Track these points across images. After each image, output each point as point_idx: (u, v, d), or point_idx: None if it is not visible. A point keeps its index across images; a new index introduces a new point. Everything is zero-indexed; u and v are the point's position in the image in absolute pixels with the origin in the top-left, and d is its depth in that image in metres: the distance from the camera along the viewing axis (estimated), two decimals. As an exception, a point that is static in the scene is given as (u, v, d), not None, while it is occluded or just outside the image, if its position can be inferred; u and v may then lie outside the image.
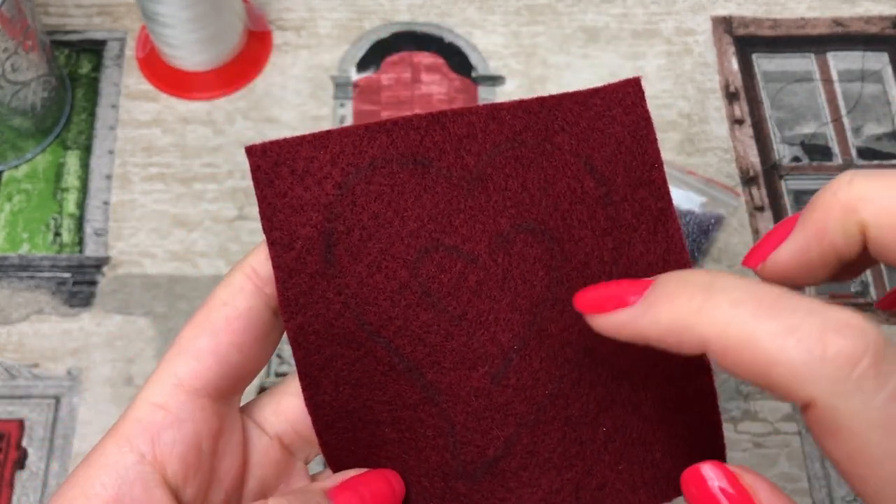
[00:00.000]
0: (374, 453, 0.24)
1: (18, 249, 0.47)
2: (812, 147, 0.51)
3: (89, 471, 0.21)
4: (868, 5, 0.56)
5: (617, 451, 0.23)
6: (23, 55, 0.45)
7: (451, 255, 0.23)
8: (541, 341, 0.23)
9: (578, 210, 0.23)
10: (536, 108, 0.23)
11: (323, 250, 0.22)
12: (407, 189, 0.23)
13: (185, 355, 0.22)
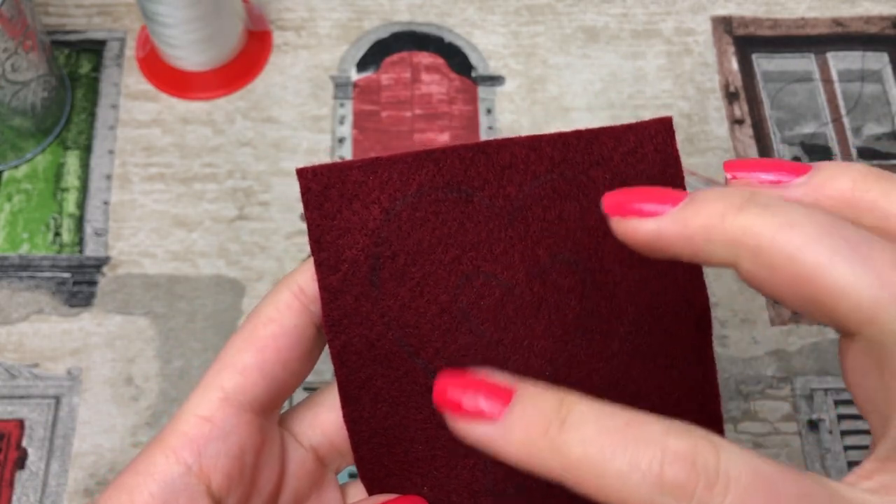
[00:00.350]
0: (407, 469, 0.24)
1: (18, 249, 0.47)
2: (812, 147, 0.51)
3: (137, 479, 0.22)
4: (868, 5, 0.56)
5: None
6: (23, 55, 0.45)
7: (490, 283, 0.24)
8: (570, 368, 0.24)
9: (609, 242, 0.24)
10: (574, 142, 0.24)
11: (368, 273, 0.23)
12: (451, 217, 0.23)
13: (230, 370, 0.22)
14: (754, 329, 0.46)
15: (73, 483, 0.41)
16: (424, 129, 0.51)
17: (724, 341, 0.45)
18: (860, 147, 0.51)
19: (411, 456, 0.24)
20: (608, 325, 0.24)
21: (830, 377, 0.45)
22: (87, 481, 0.41)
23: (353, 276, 0.23)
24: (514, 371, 0.23)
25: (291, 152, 0.50)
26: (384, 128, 0.51)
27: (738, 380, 0.44)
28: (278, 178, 0.49)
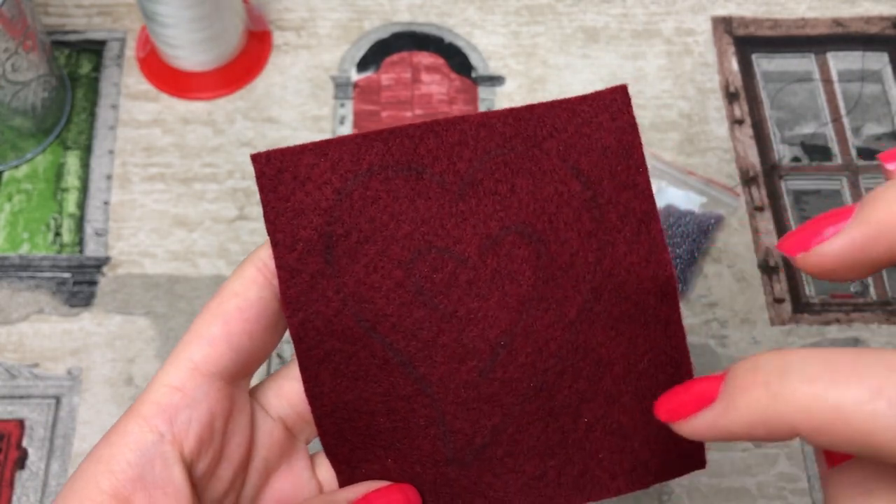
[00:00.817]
0: (370, 442, 0.25)
1: (18, 249, 0.47)
2: (812, 147, 0.51)
3: (112, 449, 0.22)
4: (868, 5, 0.56)
5: (597, 440, 0.25)
6: (23, 55, 0.45)
7: (443, 257, 0.24)
8: (527, 337, 0.24)
9: (565, 213, 0.24)
10: (526, 116, 0.24)
11: (323, 251, 0.24)
12: (402, 194, 0.24)
13: (199, 341, 0.23)
14: (754, 329, 0.46)
15: (73, 483, 0.41)
16: (424, 129, 0.51)
17: (724, 341, 0.45)
18: (860, 147, 0.51)
19: (374, 429, 0.25)
20: (565, 294, 0.24)
21: (830, 377, 0.45)
22: (88, 481, 0.41)
23: (308, 254, 0.24)
24: (469, 342, 0.24)
25: (291, 152, 0.50)
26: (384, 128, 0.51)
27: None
28: (278, 179, 0.49)
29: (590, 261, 0.24)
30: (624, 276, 0.24)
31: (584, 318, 0.24)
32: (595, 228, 0.24)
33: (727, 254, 0.48)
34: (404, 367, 0.25)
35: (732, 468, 0.42)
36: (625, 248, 0.25)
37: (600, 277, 0.24)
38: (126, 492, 0.22)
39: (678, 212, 0.48)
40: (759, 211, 0.49)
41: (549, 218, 0.24)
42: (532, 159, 0.24)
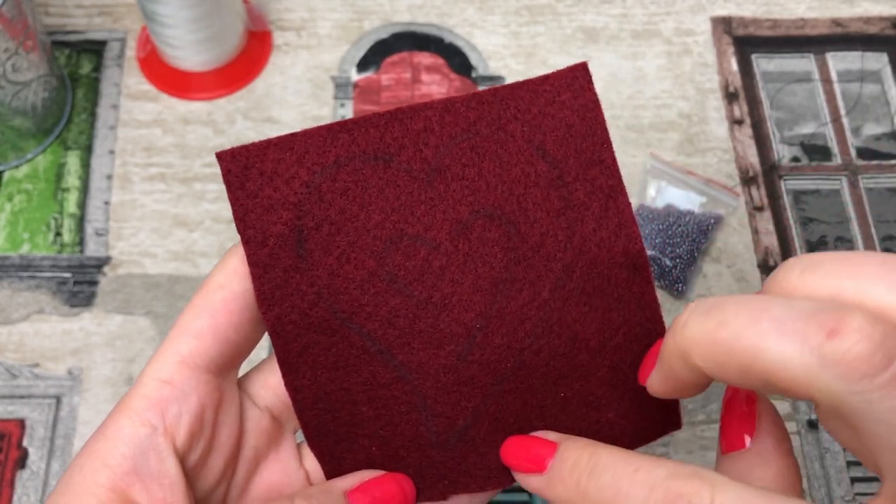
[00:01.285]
0: (353, 432, 0.25)
1: (19, 249, 0.47)
2: (811, 147, 0.51)
3: (107, 444, 0.23)
4: (867, 6, 0.56)
5: (573, 413, 0.25)
6: (23, 55, 0.45)
7: (414, 244, 0.24)
8: (502, 318, 0.25)
9: (533, 193, 0.25)
10: (489, 99, 0.25)
11: (295, 245, 0.24)
12: (370, 184, 0.24)
13: (186, 335, 0.24)
14: (754, 329, 0.46)
15: (73, 483, 0.41)
16: (424, 129, 0.52)
17: (724, 341, 0.45)
18: (859, 147, 0.51)
19: (356, 418, 0.25)
20: (537, 273, 0.25)
21: (830, 377, 0.45)
22: (88, 481, 0.41)
23: (280, 249, 0.24)
24: (446, 327, 0.25)
25: (292, 152, 0.50)
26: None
27: (737, 379, 0.44)
28: (278, 179, 0.49)
29: (560, 239, 0.25)
30: (595, 251, 0.25)
31: (557, 296, 0.25)
32: (563, 207, 0.25)
33: (727, 253, 0.48)
34: (383, 356, 0.25)
35: (732, 468, 0.42)
36: (594, 224, 0.25)
37: (571, 255, 0.25)
38: (123, 484, 0.22)
39: (678, 212, 0.48)
40: (759, 211, 0.49)
41: (518, 199, 0.25)
42: (498, 142, 0.25)
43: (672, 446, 0.43)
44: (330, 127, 0.24)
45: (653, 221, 0.47)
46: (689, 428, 0.43)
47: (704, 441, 0.43)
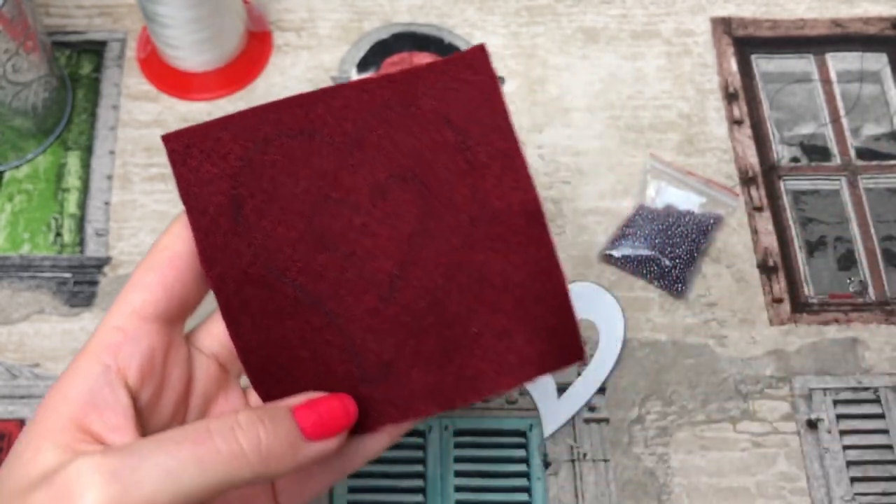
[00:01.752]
0: (291, 373, 0.29)
1: (19, 249, 0.47)
2: (811, 147, 0.52)
3: (67, 381, 0.26)
4: (867, 6, 0.56)
5: (486, 345, 0.28)
6: (24, 56, 0.45)
7: (338, 206, 0.28)
8: (417, 265, 0.28)
9: (441, 158, 0.28)
10: (400, 79, 0.28)
11: (232, 212, 0.28)
12: (297, 156, 0.28)
13: (138, 289, 0.27)
14: (753, 329, 0.46)
15: (74, 482, 0.41)
16: (424, 129, 0.52)
17: (724, 341, 0.45)
18: (859, 147, 0.52)
19: (294, 361, 0.28)
20: (448, 225, 0.28)
21: (829, 377, 0.45)
22: (88, 481, 0.41)
23: (219, 216, 0.28)
24: (369, 276, 0.28)
25: (292, 153, 0.50)
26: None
27: (736, 379, 0.44)
28: (279, 179, 0.49)
29: (466, 195, 0.28)
30: (496, 204, 0.28)
31: (465, 244, 0.28)
32: (468, 168, 0.29)
33: (726, 254, 0.48)
34: (314, 305, 0.28)
35: (732, 468, 0.42)
36: (494, 181, 0.29)
37: (476, 208, 0.28)
38: (81, 414, 0.25)
39: (677, 212, 0.48)
40: (758, 211, 0.49)
41: (429, 163, 0.28)
42: (410, 116, 0.28)
43: (672, 446, 0.43)
44: (262, 107, 0.28)
45: (652, 222, 0.47)
46: (689, 428, 0.43)
47: (704, 441, 0.43)
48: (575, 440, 0.43)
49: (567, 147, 0.51)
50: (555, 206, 0.49)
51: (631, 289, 0.47)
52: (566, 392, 0.44)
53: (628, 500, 0.42)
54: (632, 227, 0.47)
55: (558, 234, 0.48)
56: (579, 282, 0.47)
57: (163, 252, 0.27)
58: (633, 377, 0.44)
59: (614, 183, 0.50)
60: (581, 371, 0.44)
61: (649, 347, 0.45)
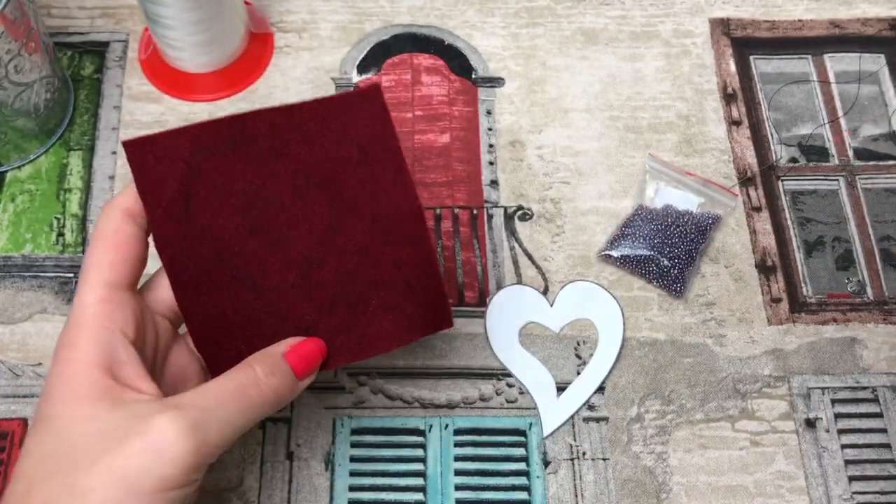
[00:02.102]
0: (228, 336, 0.36)
1: (22, 249, 0.47)
2: (809, 148, 0.52)
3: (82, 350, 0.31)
4: (865, 7, 0.56)
5: (382, 315, 0.36)
6: (26, 57, 0.45)
7: (266, 203, 0.35)
8: (329, 252, 0.36)
9: (347, 169, 0.36)
10: (315, 106, 0.36)
11: (182, 206, 0.34)
12: (233, 161, 0.35)
13: (105, 266, 0.32)
14: (752, 328, 0.46)
15: (76, 481, 0.42)
16: (425, 129, 0.52)
17: (722, 340, 0.46)
18: (857, 148, 0.52)
19: (230, 327, 0.35)
20: (352, 223, 0.36)
21: (828, 376, 0.45)
22: (90, 479, 0.42)
23: (170, 209, 0.34)
24: (291, 258, 0.36)
25: (293, 153, 0.51)
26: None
27: (735, 378, 0.45)
28: (280, 179, 0.50)
29: (367, 200, 0.36)
30: (389, 209, 0.36)
31: (366, 237, 0.36)
32: (368, 178, 0.36)
33: (725, 253, 0.48)
34: (246, 281, 0.35)
35: (730, 466, 0.43)
36: (388, 189, 0.36)
37: (375, 210, 0.36)
38: (111, 374, 0.31)
39: (676, 212, 0.48)
40: (757, 211, 0.49)
41: (338, 173, 0.36)
42: (323, 135, 0.36)
43: (670, 445, 0.43)
44: (207, 122, 0.35)
45: (651, 222, 0.48)
46: (688, 427, 0.43)
47: (703, 440, 0.43)
48: (574, 439, 0.43)
49: (566, 147, 0.51)
50: (554, 206, 0.49)
51: (630, 288, 0.47)
52: (565, 391, 0.44)
53: (627, 499, 0.42)
54: (630, 228, 0.48)
55: (558, 233, 0.49)
56: (578, 281, 0.47)
57: (115, 235, 0.33)
58: (633, 376, 0.45)
59: (613, 183, 0.50)
60: (580, 370, 0.45)
61: (648, 347, 0.45)
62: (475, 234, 0.49)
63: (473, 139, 0.51)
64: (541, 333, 0.46)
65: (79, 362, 0.30)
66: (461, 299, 0.47)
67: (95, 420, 0.30)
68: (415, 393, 0.44)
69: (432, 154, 0.51)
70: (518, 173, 0.50)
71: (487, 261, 0.48)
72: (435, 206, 0.49)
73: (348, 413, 0.44)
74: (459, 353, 0.45)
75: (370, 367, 0.45)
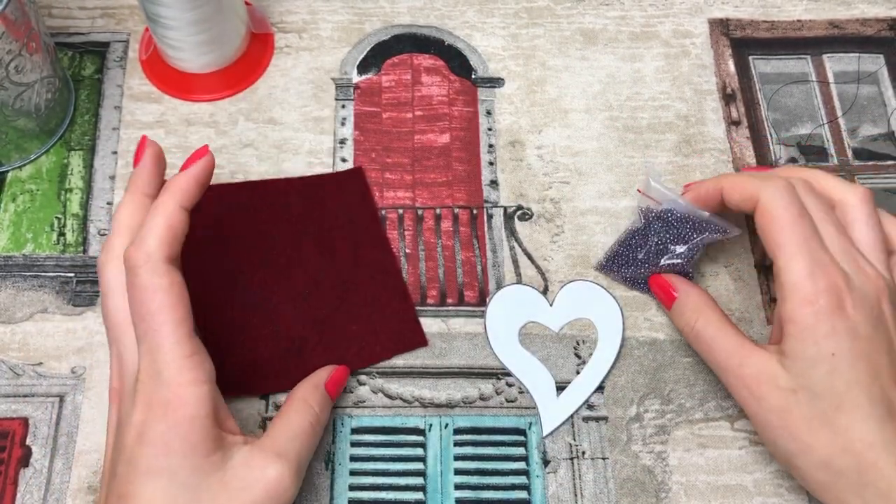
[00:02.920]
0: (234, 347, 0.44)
1: (23, 249, 0.47)
2: (808, 148, 0.52)
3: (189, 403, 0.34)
4: (864, 7, 0.56)
5: (363, 337, 0.45)
6: (27, 57, 0.45)
7: (274, 243, 0.47)
8: (319, 288, 0.46)
9: (337, 229, 0.47)
10: (313, 182, 0.49)
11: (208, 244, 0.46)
12: (246, 220, 0.47)
13: (179, 323, 0.34)
14: (751, 328, 0.46)
15: (76, 480, 0.42)
16: (425, 130, 0.52)
17: (722, 340, 0.46)
18: (856, 148, 0.52)
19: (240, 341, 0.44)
20: (338, 267, 0.46)
21: (826, 376, 0.45)
22: (91, 479, 0.42)
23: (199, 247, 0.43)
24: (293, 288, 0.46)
25: (293, 153, 0.51)
26: (385, 129, 0.52)
27: (735, 378, 0.45)
28: (280, 179, 0.50)
29: (351, 253, 0.47)
30: (370, 259, 0.47)
31: (351, 278, 0.46)
32: (353, 237, 0.47)
33: (724, 253, 0.48)
34: (256, 303, 0.45)
35: (730, 465, 0.43)
36: (369, 248, 0.47)
37: (356, 259, 0.46)
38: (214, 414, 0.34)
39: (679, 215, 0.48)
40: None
41: (329, 231, 0.47)
42: (318, 204, 0.48)
43: (670, 444, 0.43)
44: (225, 185, 0.48)
45: (656, 220, 0.47)
46: (687, 426, 0.44)
47: (702, 439, 0.43)
48: (574, 438, 0.43)
49: (566, 147, 0.51)
50: (554, 207, 0.49)
51: (629, 288, 0.47)
52: (565, 390, 0.44)
53: (626, 498, 0.42)
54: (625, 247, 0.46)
55: (557, 233, 0.49)
56: (578, 281, 0.47)
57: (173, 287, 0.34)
58: (632, 376, 0.45)
59: (613, 183, 0.50)
60: (580, 370, 0.45)
61: (648, 346, 0.46)
62: (475, 233, 0.49)
63: (473, 139, 0.52)
64: (540, 333, 0.46)
65: (192, 417, 0.33)
66: (461, 299, 0.47)
67: (215, 469, 0.33)
68: (415, 392, 0.44)
69: (432, 154, 0.51)
70: (518, 173, 0.50)
71: (487, 261, 0.48)
72: (435, 206, 0.49)
73: (348, 412, 0.44)
74: (459, 353, 0.45)
75: (371, 367, 0.45)
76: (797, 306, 0.36)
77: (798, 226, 0.37)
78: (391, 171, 0.50)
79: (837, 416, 0.35)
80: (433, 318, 0.46)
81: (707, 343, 0.40)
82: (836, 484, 0.35)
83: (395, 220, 0.49)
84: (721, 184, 0.41)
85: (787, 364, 0.36)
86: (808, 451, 0.36)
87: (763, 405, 0.37)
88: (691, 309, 0.42)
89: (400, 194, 0.50)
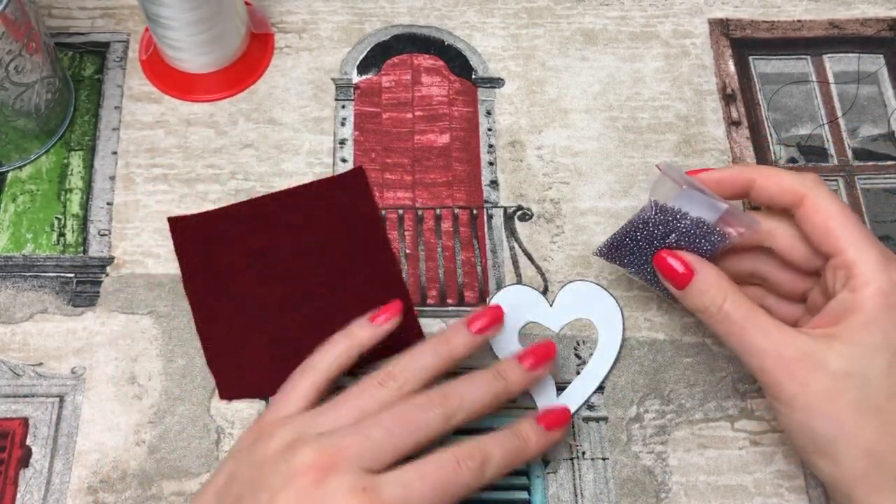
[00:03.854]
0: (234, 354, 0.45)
1: (23, 249, 0.47)
2: (808, 148, 0.52)
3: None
4: (864, 7, 0.57)
5: None
6: (27, 57, 0.45)
7: (277, 254, 0.47)
8: (319, 288, 0.46)
9: (340, 237, 0.48)
10: (319, 188, 0.49)
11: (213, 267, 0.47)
12: (255, 233, 0.48)
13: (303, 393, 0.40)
14: (751, 328, 0.46)
15: (76, 481, 0.42)
16: (425, 130, 0.52)
17: (722, 340, 0.46)
18: (856, 148, 0.52)
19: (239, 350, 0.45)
20: (339, 276, 0.47)
21: (826, 376, 0.45)
22: (91, 479, 0.42)
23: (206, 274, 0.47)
24: (293, 298, 0.46)
25: (293, 154, 0.51)
26: (385, 129, 0.52)
27: (734, 378, 0.45)
28: (280, 180, 0.50)
29: (351, 254, 0.47)
30: (374, 267, 0.47)
31: (350, 279, 0.47)
32: (357, 246, 0.47)
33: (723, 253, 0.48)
34: (262, 315, 0.46)
35: (730, 466, 0.43)
36: (374, 257, 0.47)
37: (356, 260, 0.47)
38: None
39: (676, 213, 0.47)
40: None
41: (333, 237, 0.48)
42: (325, 211, 0.48)
43: (670, 445, 0.43)
44: (233, 206, 0.49)
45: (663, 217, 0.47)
46: (687, 426, 0.44)
47: (702, 439, 0.43)
48: (574, 438, 0.43)
49: (566, 148, 0.51)
50: (554, 207, 0.49)
51: (630, 288, 0.47)
52: (565, 391, 0.44)
53: (627, 499, 0.42)
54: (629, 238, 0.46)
55: (557, 233, 0.49)
56: (578, 281, 0.47)
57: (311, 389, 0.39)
58: (632, 376, 0.45)
59: (612, 183, 0.50)
60: (580, 370, 0.45)
61: (648, 346, 0.46)
62: (475, 234, 0.49)
63: (473, 139, 0.52)
64: (540, 333, 0.46)
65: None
66: (461, 299, 0.47)
67: None
68: (415, 393, 0.44)
69: (432, 154, 0.51)
70: (518, 173, 0.50)
71: (487, 261, 0.48)
72: (435, 206, 0.49)
73: (348, 413, 0.44)
74: (459, 353, 0.45)
75: (370, 367, 0.45)
76: (870, 297, 0.36)
77: (858, 222, 0.38)
78: (391, 172, 0.50)
79: (889, 405, 0.35)
80: (433, 319, 0.46)
81: (738, 324, 0.37)
82: (875, 473, 0.35)
83: (395, 221, 0.49)
84: (751, 174, 0.40)
85: (839, 349, 0.36)
86: (853, 437, 0.35)
87: (808, 388, 0.36)
88: (716, 287, 0.38)
89: (400, 194, 0.50)
